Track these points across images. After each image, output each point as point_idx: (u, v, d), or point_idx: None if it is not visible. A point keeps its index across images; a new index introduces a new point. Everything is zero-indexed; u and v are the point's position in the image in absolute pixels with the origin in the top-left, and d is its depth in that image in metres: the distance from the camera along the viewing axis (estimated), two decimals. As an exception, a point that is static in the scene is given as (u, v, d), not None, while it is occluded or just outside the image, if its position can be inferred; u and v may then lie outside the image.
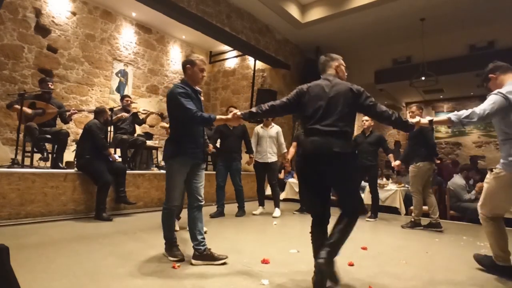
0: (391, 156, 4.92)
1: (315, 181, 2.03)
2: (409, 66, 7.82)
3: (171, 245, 2.56)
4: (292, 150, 5.36)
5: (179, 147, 2.43)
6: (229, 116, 2.42)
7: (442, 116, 2.39)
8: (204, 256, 2.41)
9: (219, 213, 4.57)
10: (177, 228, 3.28)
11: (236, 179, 4.70)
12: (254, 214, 4.88)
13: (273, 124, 5.11)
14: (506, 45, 6.79)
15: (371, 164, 4.79)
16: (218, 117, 2.40)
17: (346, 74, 2.25)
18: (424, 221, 4.35)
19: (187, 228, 2.54)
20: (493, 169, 2.46)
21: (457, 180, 5.18)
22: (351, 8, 6.35)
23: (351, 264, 2.49)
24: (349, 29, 7.17)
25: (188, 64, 2.51)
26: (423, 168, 4.13)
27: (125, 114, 5.22)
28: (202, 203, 2.53)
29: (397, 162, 4.55)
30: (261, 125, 5.12)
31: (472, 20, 6.70)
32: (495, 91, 2.27)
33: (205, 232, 3.01)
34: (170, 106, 2.48)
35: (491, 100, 2.22)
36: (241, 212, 4.77)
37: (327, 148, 1.90)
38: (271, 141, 4.98)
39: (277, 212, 4.88)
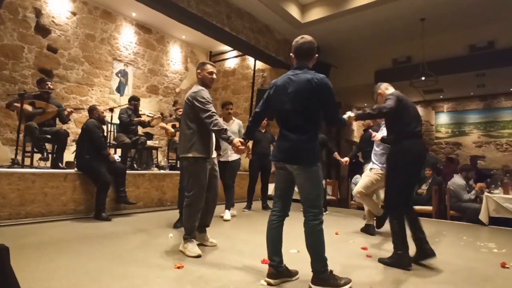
0: (336, 154, 5.32)
1: (418, 177, 2.78)
2: (409, 66, 7.82)
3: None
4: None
5: (318, 149, 2.08)
6: (345, 116, 2.32)
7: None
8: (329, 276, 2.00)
9: None
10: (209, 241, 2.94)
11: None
12: (224, 220, 4.32)
13: (233, 118, 4.70)
14: (506, 45, 6.79)
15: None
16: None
17: None
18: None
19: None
20: (372, 168, 3.66)
21: (457, 180, 5.18)
22: (351, 8, 6.35)
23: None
24: (349, 29, 7.17)
25: (316, 54, 2.17)
26: None
27: (145, 120, 5.44)
28: None
29: (346, 159, 4.96)
30: (221, 119, 4.72)
31: (472, 20, 6.70)
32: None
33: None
34: (315, 97, 1.99)
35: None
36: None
37: (423, 147, 2.60)
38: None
39: (227, 214, 4.41)
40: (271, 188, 7.33)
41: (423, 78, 7.03)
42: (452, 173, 5.92)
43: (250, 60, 8.28)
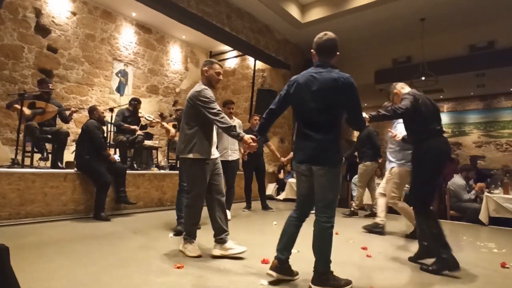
0: None
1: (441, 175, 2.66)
2: (409, 66, 7.83)
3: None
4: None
5: (341, 149, 2.04)
6: (366, 116, 2.34)
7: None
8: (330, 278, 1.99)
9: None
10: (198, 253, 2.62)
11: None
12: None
13: (234, 117, 4.59)
14: (506, 45, 6.79)
15: None
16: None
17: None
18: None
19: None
20: (392, 168, 3.60)
21: (457, 180, 5.18)
22: (351, 8, 6.36)
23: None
24: (349, 29, 7.17)
25: (338, 52, 2.10)
26: (370, 167, 4.92)
27: (139, 132, 5.20)
28: None
29: None
30: None
31: (472, 20, 6.70)
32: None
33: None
34: (341, 96, 1.96)
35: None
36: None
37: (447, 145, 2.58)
38: None
39: (227, 215, 4.37)
40: (270, 188, 7.37)
41: (423, 78, 7.04)
42: (452, 173, 5.91)
43: (250, 60, 8.28)
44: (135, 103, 5.32)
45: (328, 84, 1.96)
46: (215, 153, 2.74)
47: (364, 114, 2.37)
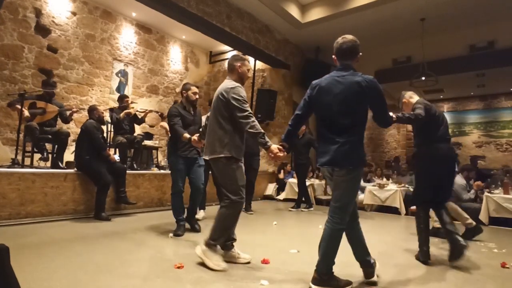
0: None
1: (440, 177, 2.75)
2: (409, 66, 7.83)
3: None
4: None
5: (362, 152, 2.04)
6: (394, 116, 2.41)
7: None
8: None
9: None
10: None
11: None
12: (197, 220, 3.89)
13: None
14: (506, 45, 6.79)
15: (302, 162, 5.69)
16: None
17: None
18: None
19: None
20: None
21: (458, 180, 5.17)
22: (351, 8, 6.36)
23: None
24: (349, 29, 7.13)
25: (360, 53, 2.14)
26: None
27: (132, 112, 5.15)
28: None
29: None
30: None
31: (472, 20, 6.70)
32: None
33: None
34: (366, 99, 1.99)
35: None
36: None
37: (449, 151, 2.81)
38: None
39: (200, 213, 4.22)
40: (270, 188, 7.37)
41: (423, 78, 7.04)
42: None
43: (250, 60, 8.27)
44: (124, 105, 5.27)
45: (352, 87, 1.96)
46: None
47: (391, 114, 2.39)
